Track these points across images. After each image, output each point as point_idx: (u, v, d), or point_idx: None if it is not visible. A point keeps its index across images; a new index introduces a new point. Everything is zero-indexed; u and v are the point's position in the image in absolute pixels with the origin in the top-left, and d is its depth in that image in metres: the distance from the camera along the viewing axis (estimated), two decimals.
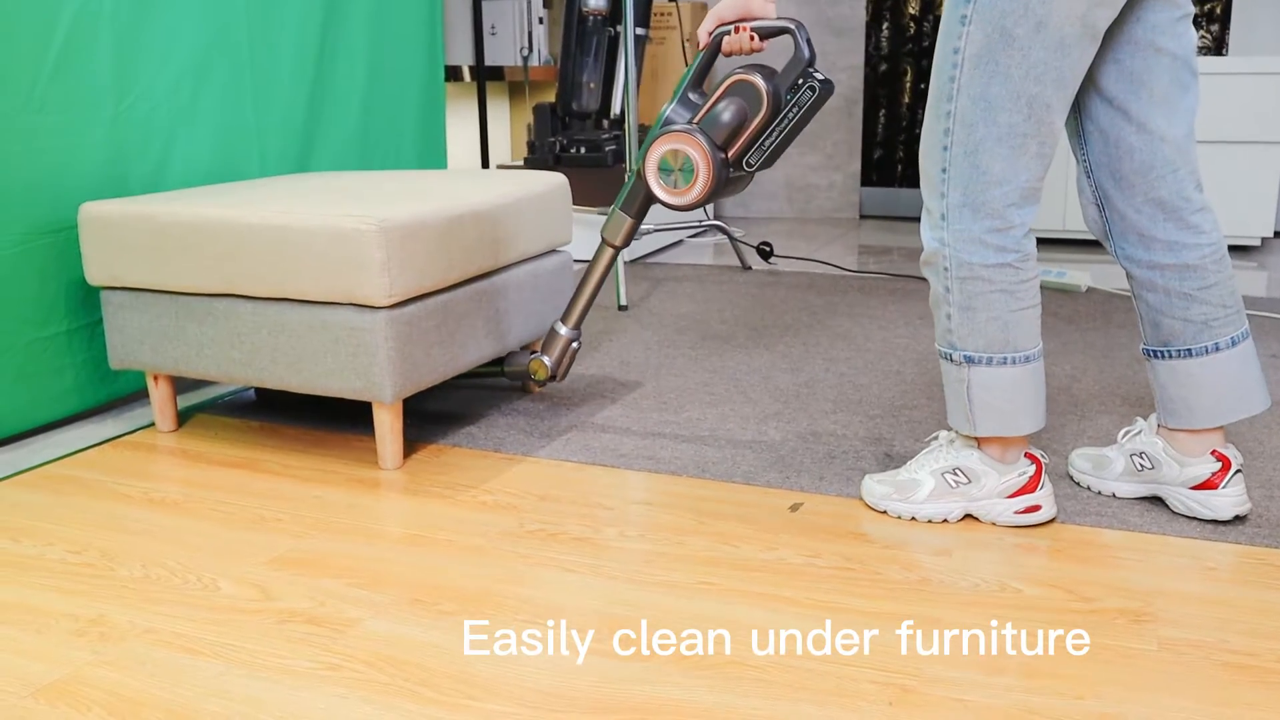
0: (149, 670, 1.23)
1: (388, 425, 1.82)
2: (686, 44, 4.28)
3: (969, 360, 1.50)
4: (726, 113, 1.62)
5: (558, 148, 3.69)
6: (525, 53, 4.24)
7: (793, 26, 1.59)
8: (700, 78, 1.70)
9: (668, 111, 1.70)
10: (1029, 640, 1.27)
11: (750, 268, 3.58)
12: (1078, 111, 1.52)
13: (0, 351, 1.93)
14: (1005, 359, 1.49)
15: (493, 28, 4.23)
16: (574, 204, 3.51)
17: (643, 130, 3.99)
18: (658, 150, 1.67)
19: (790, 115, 1.62)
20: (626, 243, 1.82)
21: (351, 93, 2.72)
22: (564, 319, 1.89)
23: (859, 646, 1.26)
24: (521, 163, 3.89)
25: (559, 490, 1.74)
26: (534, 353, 1.93)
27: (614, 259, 1.83)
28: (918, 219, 4.63)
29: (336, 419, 2.09)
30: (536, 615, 1.35)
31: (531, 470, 1.83)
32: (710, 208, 4.33)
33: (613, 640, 1.28)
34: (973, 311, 1.48)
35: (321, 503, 1.71)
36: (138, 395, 2.24)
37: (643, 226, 3.31)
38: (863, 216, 4.76)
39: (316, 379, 1.81)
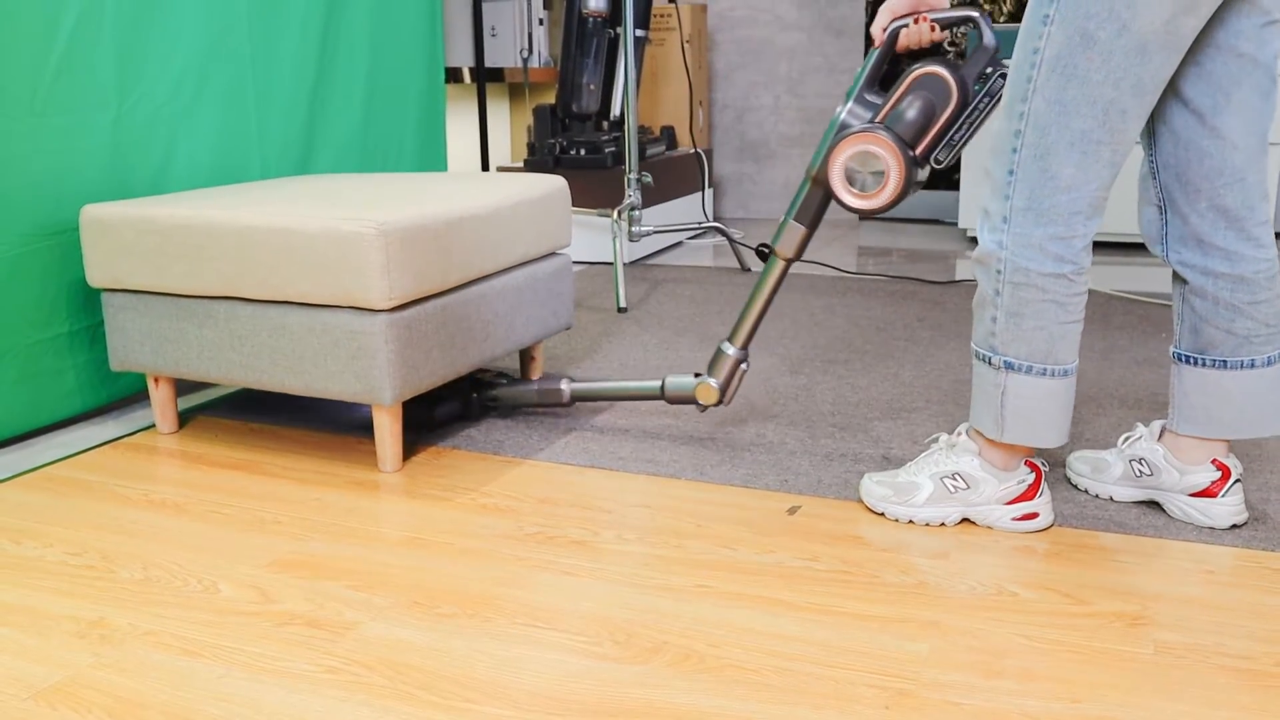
0: (149, 673, 1.24)
1: (387, 428, 1.82)
2: (686, 45, 4.29)
3: (1009, 366, 1.49)
4: (912, 109, 1.56)
5: (558, 149, 3.69)
6: (525, 54, 4.24)
7: (976, 15, 1.54)
8: (876, 76, 1.62)
9: (843, 114, 1.61)
10: (1026, 644, 1.28)
11: (750, 269, 3.59)
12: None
13: (1, 353, 1.93)
14: (1045, 370, 1.48)
15: (493, 29, 4.23)
16: (574, 206, 3.52)
17: (643, 132, 3.99)
18: (843, 153, 1.59)
19: (980, 106, 1.55)
20: (799, 255, 1.74)
21: (352, 95, 2.73)
22: (731, 338, 1.83)
23: (856, 650, 1.27)
24: (522, 164, 3.89)
25: (558, 493, 1.75)
26: (698, 375, 1.87)
27: (785, 273, 1.76)
28: (917, 220, 4.64)
29: (336, 421, 2.10)
30: (535, 618, 1.35)
31: (530, 473, 1.83)
32: (709, 209, 4.33)
33: (611, 643, 1.29)
34: (1020, 318, 1.46)
35: (321, 505, 1.71)
36: (138, 397, 2.25)
37: (642, 227, 3.32)
38: (862, 218, 4.76)
39: (316, 381, 1.81)
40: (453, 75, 3.96)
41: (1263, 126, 1.45)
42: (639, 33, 3.42)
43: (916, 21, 1.56)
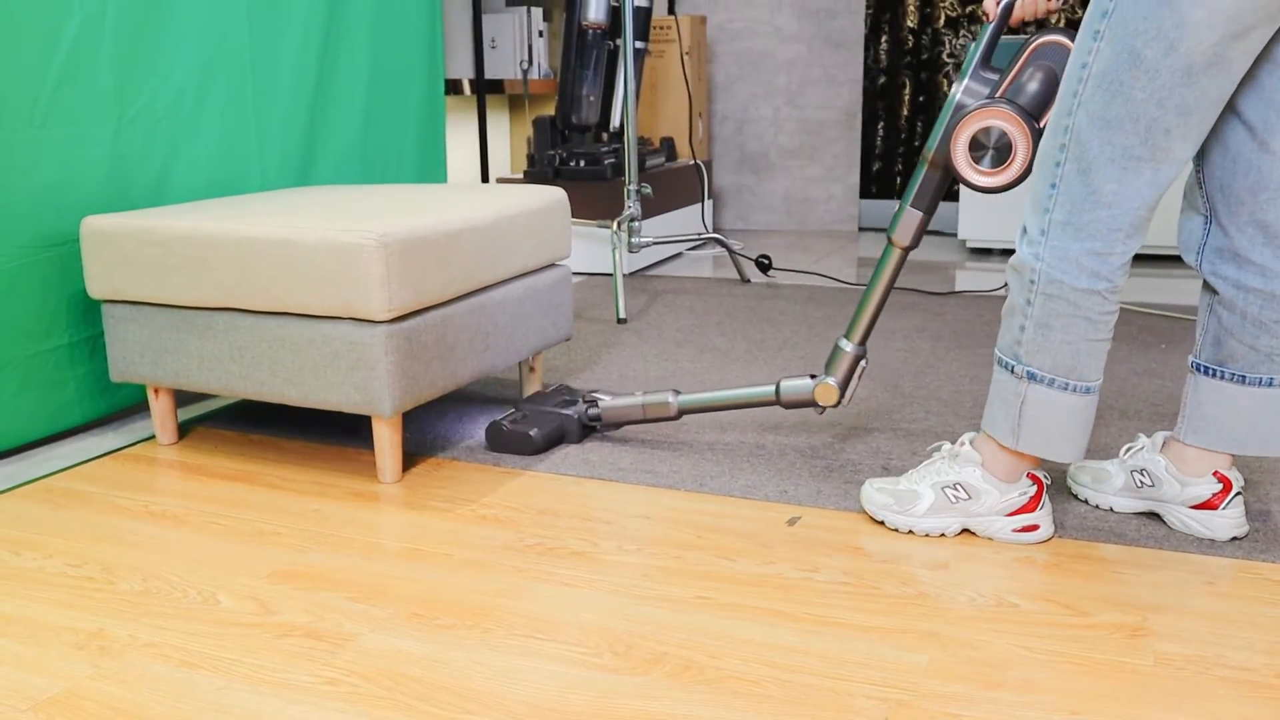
0: (149, 684, 1.24)
1: (387, 439, 1.82)
2: (685, 57, 4.29)
3: (1031, 377, 1.48)
4: (1034, 81, 1.53)
5: (557, 161, 3.70)
6: (525, 66, 4.25)
7: None
8: (990, 52, 1.58)
9: (958, 94, 1.57)
10: (1026, 655, 1.27)
11: (749, 280, 3.59)
12: None
13: (1, 364, 1.93)
14: (1068, 385, 1.47)
15: (493, 41, 4.24)
16: (574, 217, 3.52)
17: (642, 143, 4.00)
18: (967, 129, 1.56)
19: None
20: (917, 242, 1.68)
21: (352, 106, 2.73)
22: (848, 335, 1.76)
23: (856, 661, 1.27)
24: (521, 175, 3.90)
25: (557, 504, 1.74)
26: (814, 376, 1.81)
27: (903, 262, 1.70)
28: None
29: (336, 433, 2.10)
30: (534, 629, 1.35)
31: (530, 484, 1.83)
32: (708, 220, 4.34)
33: (610, 654, 1.29)
34: (1049, 330, 1.46)
35: (321, 516, 1.71)
36: (138, 408, 2.25)
37: (642, 239, 3.32)
38: (861, 229, 4.77)
39: (316, 393, 1.81)
40: (453, 87, 3.97)
41: None
42: (638, 45, 3.43)
43: None
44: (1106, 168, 1.39)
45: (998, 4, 1.56)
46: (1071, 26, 1.47)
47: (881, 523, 1.63)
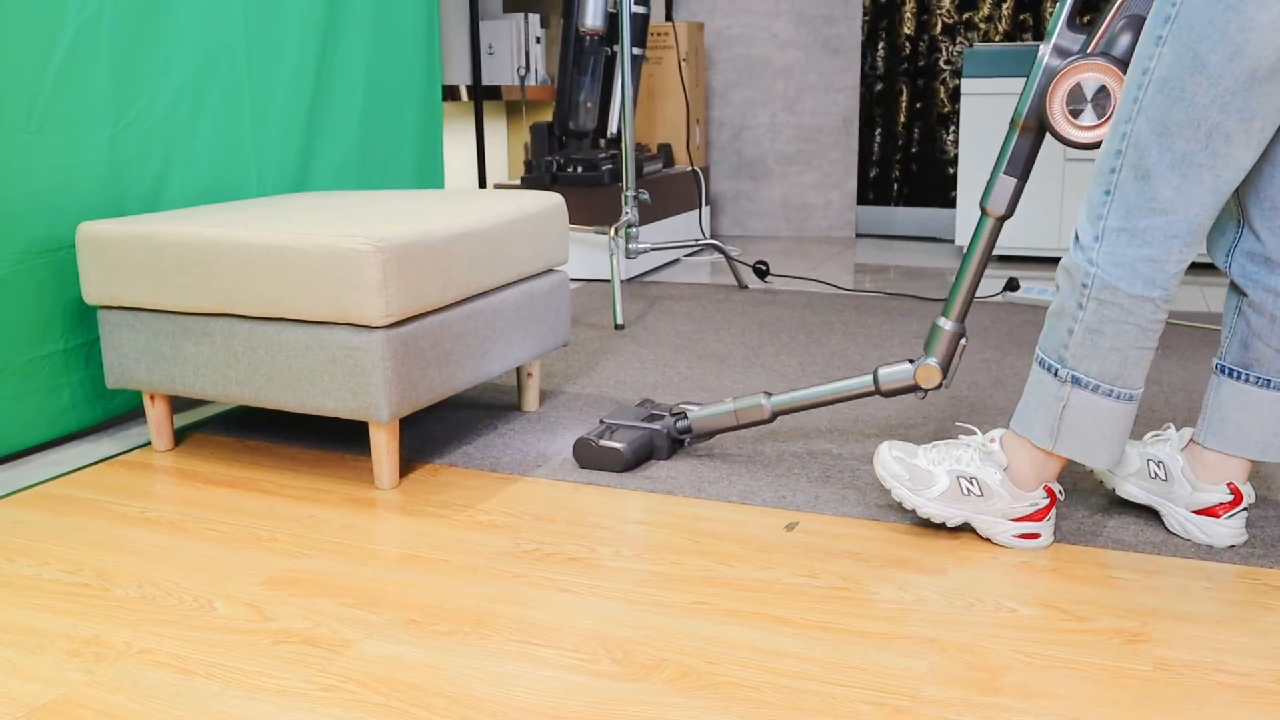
0: (144, 691, 1.23)
1: (384, 445, 1.82)
2: (683, 63, 4.30)
3: (1076, 381, 1.47)
4: (1126, 32, 1.50)
5: (555, 167, 3.70)
6: (522, 72, 4.25)
7: None
8: (1074, 11, 1.56)
9: (1046, 55, 1.55)
10: (1024, 660, 1.27)
11: (747, 286, 3.59)
12: None
13: None
14: (1112, 392, 1.46)
15: (490, 47, 4.25)
16: (571, 223, 3.52)
17: (639, 149, 4.00)
18: (1063, 85, 1.54)
19: None
20: (1012, 210, 1.64)
21: (349, 112, 2.73)
22: (946, 313, 1.72)
23: (854, 666, 1.26)
24: (519, 181, 3.90)
25: (555, 510, 1.74)
26: (911, 360, 1.76)
27: (998, 231, 1.66)
28: (914, 238, 4.64)
29: (332, 438, 2.09)
30: (532, 635, 1.35)
31: (527, 490, 1.83)
32: (706, 226, 4.34)
33: (608, 660, 1.28)
34: (1099, 336, 1.45)
35: (317, 522, 1.71)
36: (134, 414, 2.25)
37: (639, 245, 3.32)
38: (859, 235, 4.77)
39: (313, 399, 1.81)
40: (450, 93, 3.97)
41: None
42: (636, 51, 3.43)
43: None
44: (1166, 174, 1.37)
45: None
46: None
47: (889, 491, 1.61)
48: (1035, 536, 1.56)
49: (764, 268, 3.64)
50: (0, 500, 1.82)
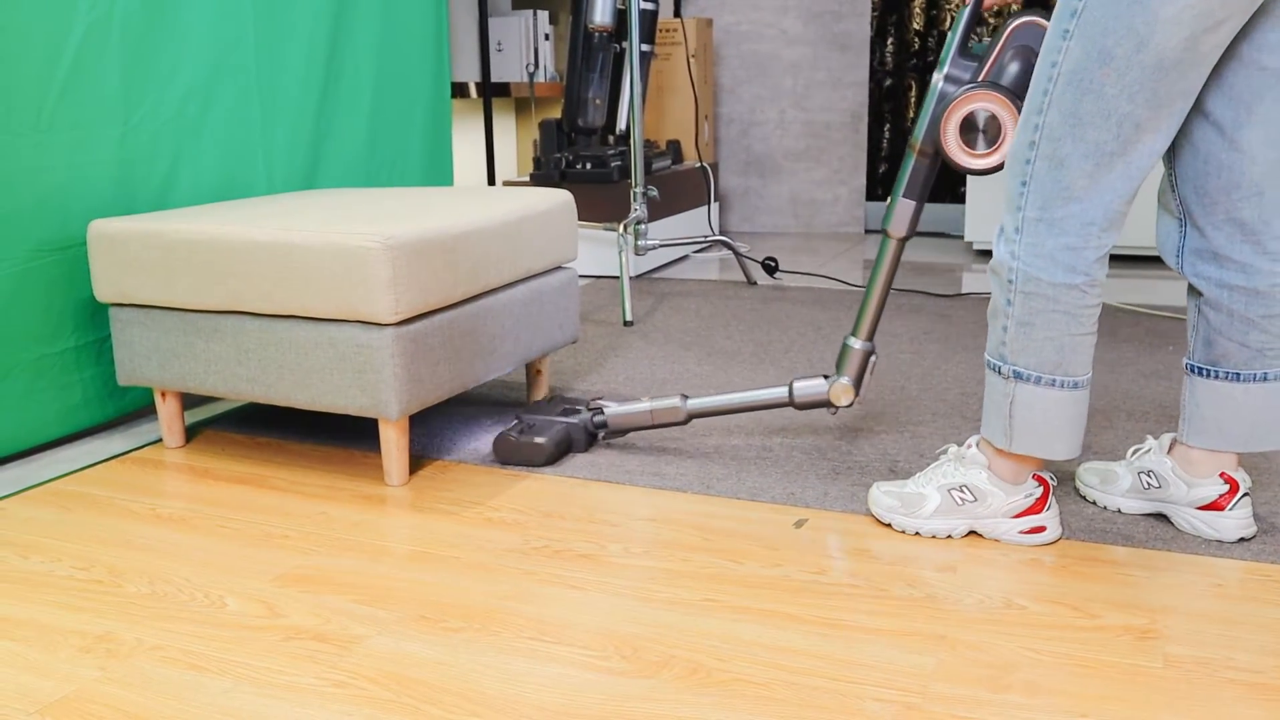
0: (156, 687, 1.24)
1: (394, 442, 1.82)
2: (691, 60, 4.30)
3: (1018, 376, 1.49)
4: (1015, 62, 1.55)
5: (563, 164, 3.70)
6: (531, 69, 4.25)
7: None
8: (967, 38, 1.61)
9: (940, 81, 1.60)
10: (1034, 657, 1.27)
11: (755, 283, 3.59)
12: None
13: (9, 368, 1.94)
14: (1055, 381, 1.48)
15: (499, 44, 4.25)
16: (580, 220, 3.53)
17: (648, 146, 4.00)
18: (956, 114, 1.58)
19: None
20: (912, 232, 1.70)
21: (358, 110, 2.74)
22: (855, 332, 1.78)
23: (863, 663, 1.26)
24: (527, 179, 3.90)
25: (564, 507, 1.74)
26: (826, 376, 1.83)
27: (900, 253, 1.72)
28: (922, 233, 4.64)
29: (342, 435, 2.10)
30: (542, 632, 1.35)
31: (537, 487, 1.83)
32: (715, 223, 4.33)
33: (618, 657, 1.29)
34: (1030, 328, 1.47)
35: (327, 519, 1.71)
36: (145, 411, 2.25)
37: (648, 241, 3.32)
38: (868, 231, 4.76)
39: (323, 396, 1.81)
40: (459, 90, 3.97)
41: None
42: (644, 47, 3.42)
43: None
44: (1080, 163, 1.40)
45: None
46: (1043, 6, 1.48)
47: (888, 525, 1.63)
48: (1041, 530, 1.56)
49: (773, 264, 3.63)
50: (12, 497, 1.83)
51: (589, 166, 3.67)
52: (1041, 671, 1.24)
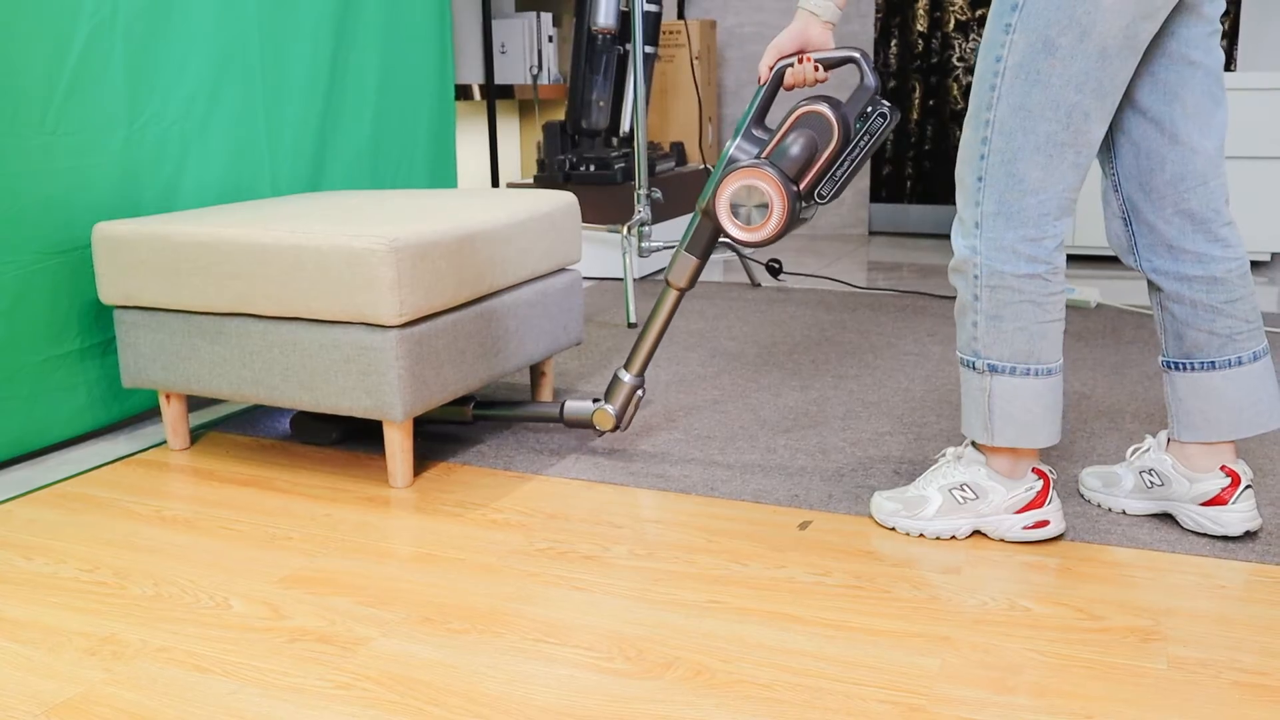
0: (161, 689, 1.24)
1: (398, 444, 1.82)
2: (695, 62, 4.30)
3: (992, 369, 1.51)
4: (796, 145, 1.60)
5: (567, 165, 3.70)
6: (535, 71, 4.26)
7: (857, 55, 1.58)
8: (763, 113, 1.66)
9: (731, 149, 1.65)
10: (1038, 659, 1.27)
11: (759, 285, 3.59)
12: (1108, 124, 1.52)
13: (14, 369, 1.94)
14: (1029, 370, 1.50)
15: (503, 46, 4.25)
16: (584, 222, 3.53)
17: (652, 148, 4.00)
18: (729, 187, 1.64)
19: (861, 144, 1.60)
20: (692, 284, 1.79)
21: (362, 112, 2.74)
22: (627, 365, 1.87)
23: (868, 665, 1.26)
24: (531, 180, 3.90)
25: (568, 508, 1.74)
26: (596, 400, 1.92)
27: (678, 302, 1.81)
28: (927, 235, 4.64)
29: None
30: (546, 633, 1.35)
31: (541, 488, 1.83)
32: None
33: (622, 659, 1.29)
34: (1000, 320, 1.49)
35: (332, 521, 1.71)
36: (150, 413, 2.26)
37: (652, 243, 3.32)
38: (872, 233, 4.76)
39: (327, 398, 1.82)
40: (463, 92, 3.98)
41: (1218, 131, 1.49)
42: (648, 49, 3.43)
43: (801, 61, 1.61)
44: (1031, 156, 1.43)
45: (770, 69, 1.63)
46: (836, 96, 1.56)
47: (892, 529, 1.63)
48: (1045, 524, 1.56)
49: (777, 266, 3.64)
50: (17, 499, 1.83)
51: (593, 168, 3.67)
52: (1046, 673, 1.24)
